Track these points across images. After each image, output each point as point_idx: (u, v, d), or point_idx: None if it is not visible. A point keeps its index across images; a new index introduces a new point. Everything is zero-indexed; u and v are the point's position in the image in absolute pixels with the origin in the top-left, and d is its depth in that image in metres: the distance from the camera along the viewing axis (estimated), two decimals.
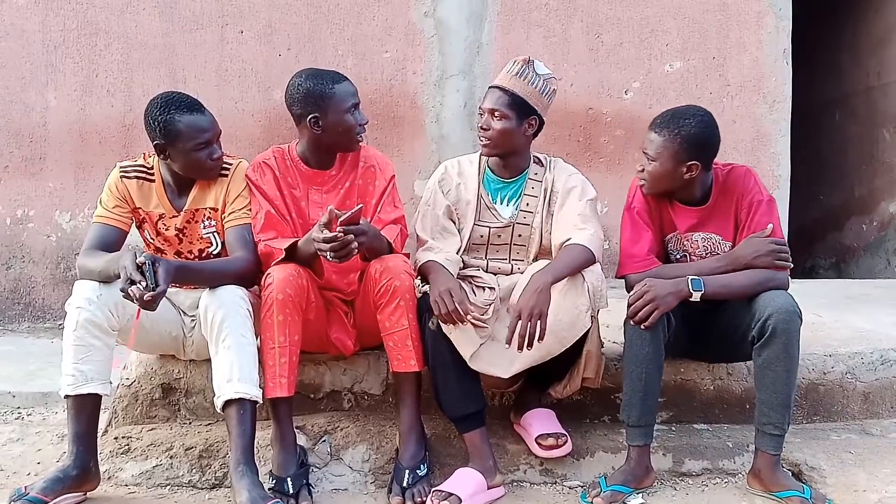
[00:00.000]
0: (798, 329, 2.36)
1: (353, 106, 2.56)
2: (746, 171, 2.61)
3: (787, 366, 2.35)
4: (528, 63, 2.60)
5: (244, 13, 4.69)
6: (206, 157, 2.49)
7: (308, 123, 2.54)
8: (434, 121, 4.75)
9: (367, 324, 2.58)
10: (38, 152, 4.71)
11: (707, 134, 2.50)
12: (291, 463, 2.40)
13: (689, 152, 2.47)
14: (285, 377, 2.38)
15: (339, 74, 2.59)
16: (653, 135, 2.51)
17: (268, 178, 2.60)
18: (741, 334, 2.45)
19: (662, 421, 2.79)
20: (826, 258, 6.58)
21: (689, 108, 2.59)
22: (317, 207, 2.62)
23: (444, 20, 4.73)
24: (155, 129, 2.46)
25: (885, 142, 5.84)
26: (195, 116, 2.47)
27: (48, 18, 4.67)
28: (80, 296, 2.31)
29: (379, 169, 2.68)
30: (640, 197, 2.62)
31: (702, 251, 2.59)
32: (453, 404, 2.50)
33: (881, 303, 3.97)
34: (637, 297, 2.40)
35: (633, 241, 2.61)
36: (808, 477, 2.53)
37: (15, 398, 3.41)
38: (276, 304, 2.36)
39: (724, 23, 4.79)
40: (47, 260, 4.74)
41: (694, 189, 2.57)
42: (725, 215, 2.58)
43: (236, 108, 4.68)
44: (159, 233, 2.60)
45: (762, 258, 2.46)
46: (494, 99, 2.59)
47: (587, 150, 4.77)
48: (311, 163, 2.65)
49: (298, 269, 2.41)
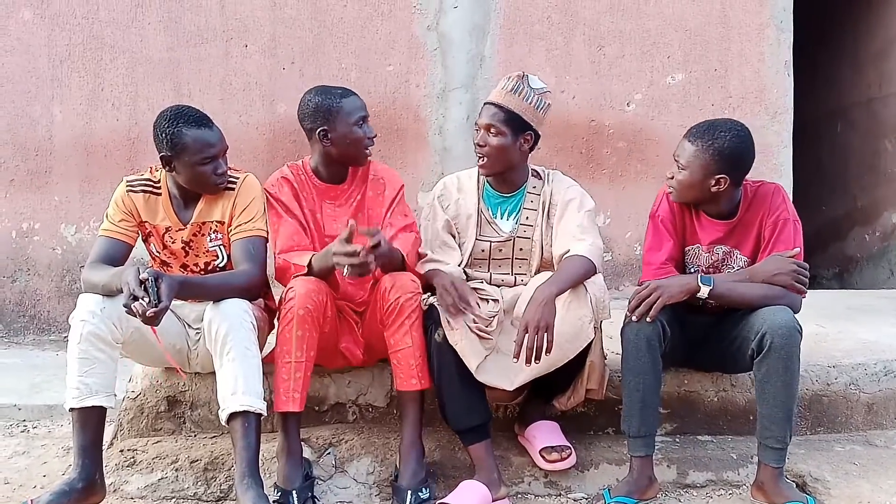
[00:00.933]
0: (798, 344, 2.36)
1: (362, 119, 2.61)
2: (776, 188, 2.60)
3: (787, 380, 2.35)
4: (522, 78, 2.62)
5: (248, 27, 4.73)
6: (211, 171, 2.51)
7: (318, 136, 2.59)
8: (437, 133, 4.77)
9: (375, 335, 2.59)
10: (43, 166, 4.74)
11: (741, 149, 2.49)
12: (297, 476, 2.41)
13: (719, 165, 2.46)
14: (299, 392, 2.40)
15: (347, 90, 2.65)
16: (686, 143, 2.51)
17: (286, 192, 2.64)
18: (740, 348, 2.45)
19: (666, 433, 2.80)
20: (829, 269, 6.58)
21: (728, 121, 2.57)
22: (331, 221, 2.66)
23: (446, 33, 4.76)
24: (162, 141, 2.48)
25: (887, 152, 5.85)
26: (203, 131, 2.49)
27: (54, 33, 4.70)
28: (83, 309, 2.32)
29: (387, 181, 2.72)
30: (665, 205, 2.62)
31: (718, 263, 2.59)
32: (458, 416, 2.50)
33: (884, 313, 3.97)
34: (639, 291, 2.41)
35: (653, 249, 2.61)
36: (812, 488, 2.53)
37: (21, 411, 3.42)
38: (297, 319, 2.38)
39: (726, 35, 4.81)
40: (52, 273, 4.76)
41: (721, 203, 2.56)
42: (748, 231, 2.58)
43: (240, 121, 4.70)
44: (166, 246, 2.61)
45: (782, 276, 2.44)
46: (490, 115, 2.61)
47: (590, 162, 4.78)
48: (325, 177, 2.68)
49: (319, 284, 2.44)
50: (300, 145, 4.45)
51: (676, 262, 2.62)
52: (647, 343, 2.40)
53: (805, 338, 2.39)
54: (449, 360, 2.45)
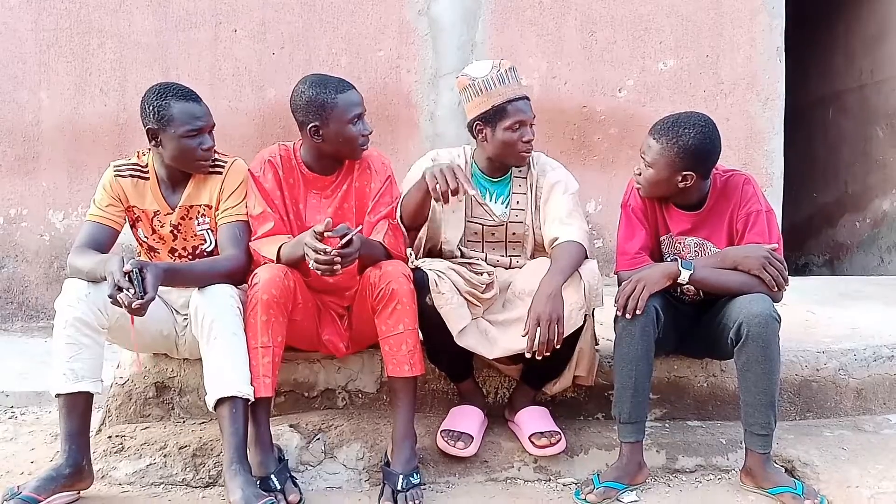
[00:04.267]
0: (776, 332, 2.34)
1: (357, 116, 2.52)
2: (746, 179, 2.56)
3: (767, 368, 2.35)
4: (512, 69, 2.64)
5: (238, 12, 4.69)
6: (197, 145, 2.48)
7: (308, 132, 2.53)
8: (428, 119, 4.75)
9: (362, 328, 2.58)
10: (31, 151, 4.70)
11: (705, 145, 2.45)
12: (271, 460, 2.38)
13: (685, 162, 2.44)
14: (269, 377, 2.36)
15: (344, 83, 2.55)
16: (651, 140, 2.48)
17: (269, 177, 2.58)
18: (721, 335, 2.44)
19: (656, 418, 2.80)
20: (819, 255, 6.61)
21: (691, 116, 2.50)
22: (314, 211, 2.61)
23: (437, 19, 4.73)
24: (149, 114, 2.46)
25: (878, 139, 5.86)
26: (190, 104, 2.47)
27: (41, 18, 4.66)
28: (69, 294, 2.30)
29: (375, 171, 2.64)
30: (635, 195, 2.61)
31: (693, 256, 2.59)
32: (448, 364, 2.66)
33: (874, 299, 3.98)
34: (623, 289, 2.41)
35: (626, 238, 2.61)
36: (801, 473, 2.54)
37: (8, 397, 3.41)
38: (261, 304, 2.35)
39: (718, 21, 4.81)
40: (40, 259, 4.74)
41: (690, 194, 2.55)
42: (720, 223, 2.55)
43: (230, 106, 4.68)
44: (154, 230, 2.59)
45: (750, 261, 2.41)
46: (530, 108, 2.63)
47: (581, 148, 4.77)
48: (314, 167, 2.63)
49: (286, 270, 2.40)
50: (289, 131, 4.37)
51: (650, 251, 2.61)
52: (640, 329, 2.39)
53: (795, 324, 2.40)
54: (440, 320, 2.45)
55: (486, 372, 2.79)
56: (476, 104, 2.61)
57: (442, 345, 2.51)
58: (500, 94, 2.57)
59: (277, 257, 2.44)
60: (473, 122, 2.64)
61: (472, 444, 2.54)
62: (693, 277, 2.42)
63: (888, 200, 5.79)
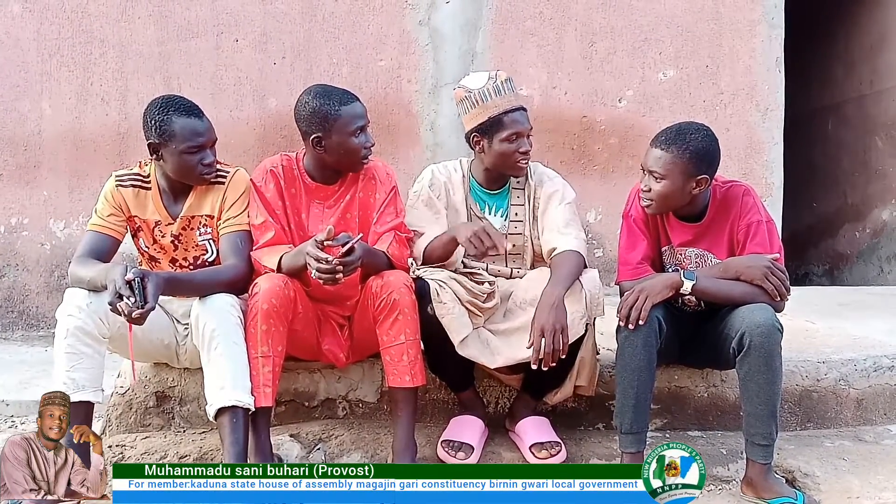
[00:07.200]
0: (778, 342, 2.34)
1: (360, 129, 2.52)
2: (745, 190, 2.56)
3: (769, 378, 2.34)
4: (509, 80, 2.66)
5: (239, 22, 4.70)
6: (197, 161, 2.49)
7: (311, 142, 2.53)
8: (429, 129, 4.76)
9: (363, 338, 2.57)
10: (32, 160, 4.71)
11: (714, 146, 2.48)
12: None
13: (698, 166, 2.44)
14: (269, 387, 2.36)
15: (348, 94, 2.55)
16: (659, 152, 2.45)
17: (271, 187, 2.58)
18: (723, 346, 2.43)
19: (656, 428, 2.80)
20: (819, 265, 6.61)
21: (691, 123, 2.53)
22: (317, 220, 2.60)
23: (438, 29, 4.75)
24: (151, 128, 2.47)
25: (877, 149, 5.88)
26: (192, 120, 2.48)
27: (43, 27, 4.67)
28: (70, 303, 2.31)
29: (379, 181, 2.64)
30: (637, 205, 2.61)
31: (694, 267, 2.58)
32: (449, 374, 2.65)
33: (874, 309, 3.99)
34: (625, 299, 2.41)
35: (628, 248, 2.60)
36: (801, 483, 2.53)
37: (9, 406, 3.39)
38: (261, 313, 2.35)
39: (718, 31, 4.82)
40: (41, 268, 4.73)
41: (695, 204, 2.54)
42: (720, 234, 2.55)
43: (231, 116, 4.68)
44: (155, 240, 2.60)
45: (753, 271, 2.41)
46: (527, 118, 2.65)
47: (581, 158, 4.78)
48: (316, 177, 2.63)
49: (286, 280, 2.40)
50: (291, 140, 4.44)
51: (652, 261, 2.61)
52: (643, 340, 2.39)
53: (795, 333, 2.40)
54: (441, 330, 2.45)
55: (487, 382, 2.79)
56: (473, 116, 2.62)
57: (443, 354, 2.51)
58: (496, 105, 2.59)
59: (279, 267, 2.44)
60: (471, 134, 2.66)
61: (472, 455, 2.54)
62: (696, 288, 2.42)
63: (888, 210, 5.80)
